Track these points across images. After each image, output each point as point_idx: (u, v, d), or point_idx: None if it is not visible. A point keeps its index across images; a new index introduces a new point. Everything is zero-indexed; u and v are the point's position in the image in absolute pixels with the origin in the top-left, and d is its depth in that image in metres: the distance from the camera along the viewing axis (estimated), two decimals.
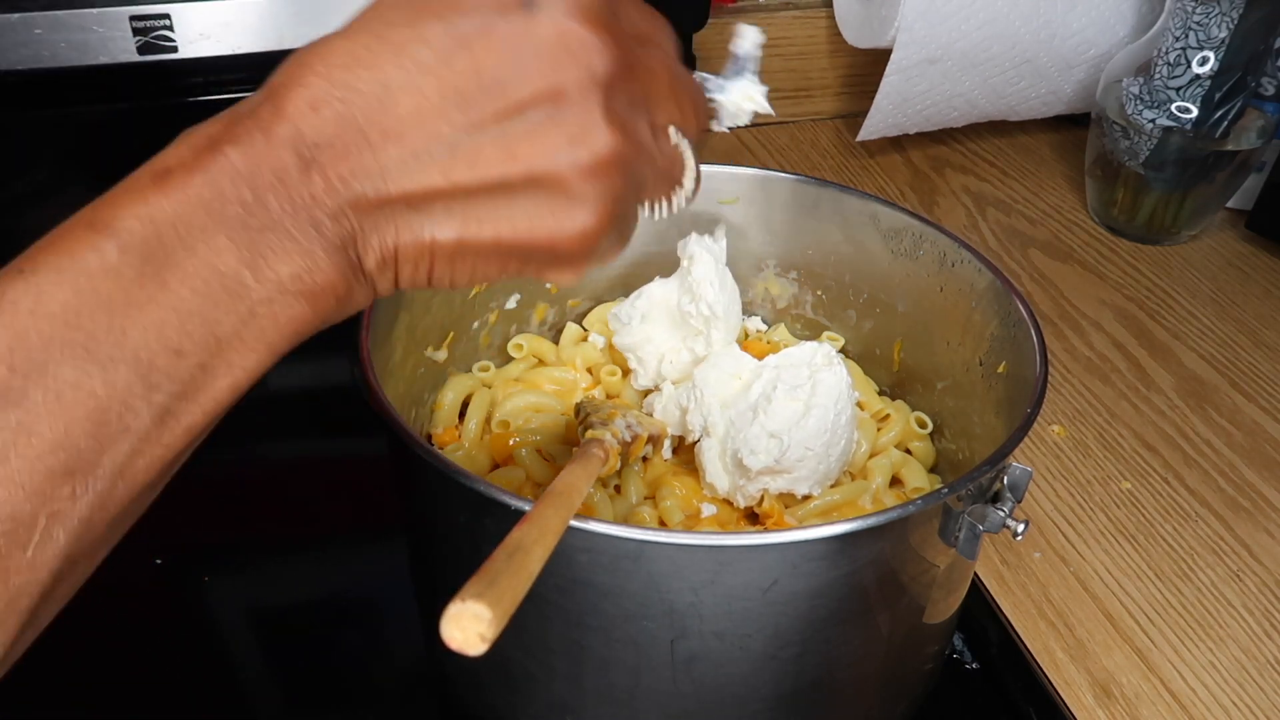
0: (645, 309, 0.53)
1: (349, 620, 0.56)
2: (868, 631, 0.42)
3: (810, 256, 0.58)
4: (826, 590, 0.38)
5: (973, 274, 0.50)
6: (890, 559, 0.39)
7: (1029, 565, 0.57)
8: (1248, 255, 0.85)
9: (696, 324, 0.52)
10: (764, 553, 0.36)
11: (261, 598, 0.57)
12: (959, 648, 0.55)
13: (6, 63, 0.64)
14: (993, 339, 0.49)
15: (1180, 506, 0.62)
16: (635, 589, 0.37)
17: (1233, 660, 0.53)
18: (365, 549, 0.60)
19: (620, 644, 0.40)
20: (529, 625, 0.41)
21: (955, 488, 0.38)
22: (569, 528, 0.35)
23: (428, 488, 0.42)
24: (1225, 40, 0.76)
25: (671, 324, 0.53)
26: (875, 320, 0.57)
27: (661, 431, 0.51)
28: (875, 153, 0.97)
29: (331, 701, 0.52)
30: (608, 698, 0.42)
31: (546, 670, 0.42)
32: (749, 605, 0.38)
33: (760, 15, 0.95)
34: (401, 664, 0.54)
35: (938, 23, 0.82)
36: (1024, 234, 0.87)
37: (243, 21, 0.67)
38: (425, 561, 0.47)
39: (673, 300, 0.53)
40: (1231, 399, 0.70)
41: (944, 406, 0.54)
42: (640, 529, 0.36)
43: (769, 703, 0.42)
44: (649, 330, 0.54)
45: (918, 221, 0.53)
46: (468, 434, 0.53)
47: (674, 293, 0.53)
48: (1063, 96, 0.93)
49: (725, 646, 0.39)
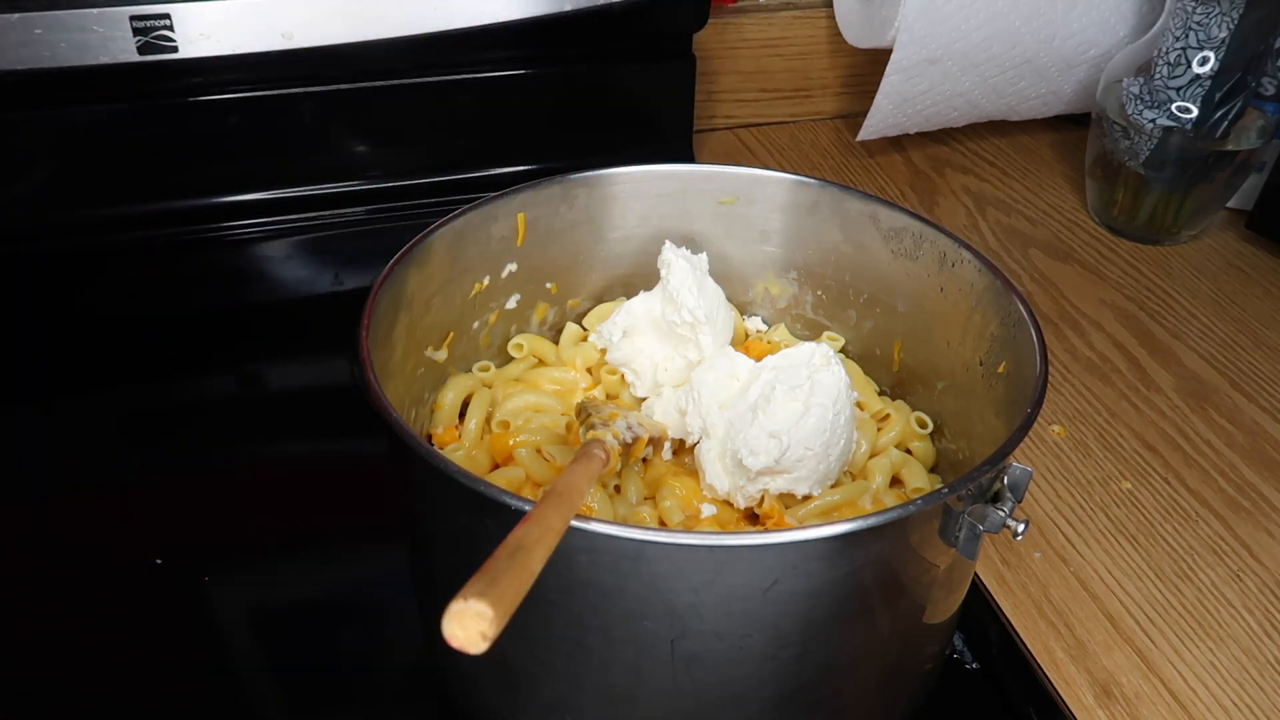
0: (628, 324, 0.54)
1: (349, 620, 0.56)
2: (868, 631, 0.42)
3: (810, 256, 0.58)
4: (826, 590, 0.38)
5: (973, 274, 0.50)
6: (890, 559, 0.39)
7: (1029, 565, 0.57)
8: (1248, 255, 0.85)
9: (683, 331, 0.52)
10: (764, 553, 0.36)
11: (261, 598, 0.57)
12: (959, 648, 0.55)
13: (6, 63, 0.64)
14: (993, 339, 0.49)
15: (1180, 507, 0.62)
16: (635, 589, 0.37)
17: (1233, 660, 0.53)
18: (365, 549, 0.60)
19: (620, 644, 0.39)
20: (529, 625, 0.41)
21: (955, 488, 0.38)
22: (569, 528, 0.35)
23: (428, 488, 0.42)
24: (1225, 40, 0.76)
25: (659, 334, 0.54)
26: (875, 320, 0.57)
27: (662, 433, 0.51)
28: (875, 153, 0.97)
29: (331, 701, 0.52)
30: (608, 697, 0.42)
31: (547, 670, 0.42)
32: (749, 605, 0.38)
33: (760, 15, 0.95)
34: (401, 664, 0.54)
35: (938, 23, 0.82)
36: (1024, 234, 0.87)
37: (243, 21, 0.67)
38: (425, 562, 0.47)
39: (656, 311, 0.53)
40: (1232, 399, 0.70)
41: (944, 406, 0.54)
42: (640, 529, 0.36)
43: (769, 703, 0.42)
44: (638, 343, 0.54)
45: (918, 221, 0.53)
46: (468, 434, 0.53)
47: (656, 304, 0.53)
48: (1063, 96, 0.94)
49: (725, 646, 0.39)
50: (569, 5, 0.73)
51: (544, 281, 0.58)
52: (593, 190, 0.56)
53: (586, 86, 0.85)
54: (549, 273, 0.58)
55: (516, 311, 0.58)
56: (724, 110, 0.99)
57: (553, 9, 0.73)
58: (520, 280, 0.57)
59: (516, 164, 0.85)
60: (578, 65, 0.84)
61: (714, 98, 0.98)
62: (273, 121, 0.76)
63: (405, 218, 0.82)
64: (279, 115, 0.76)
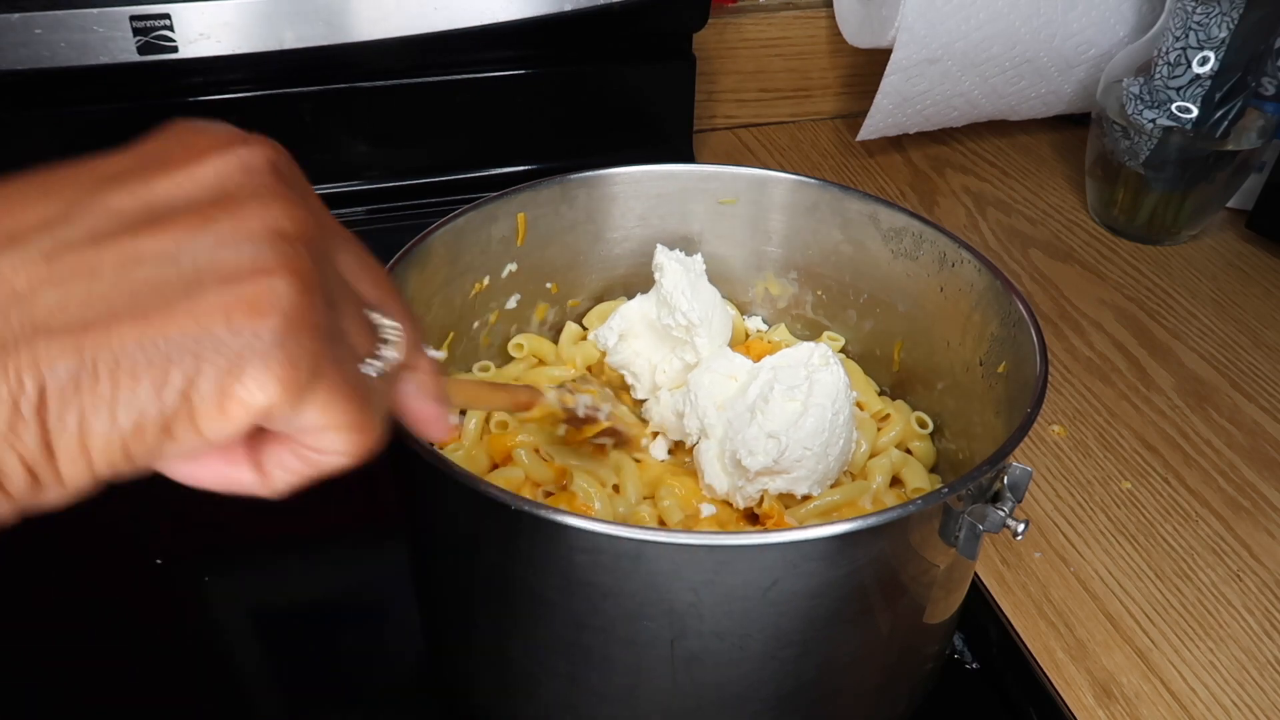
0: (623, 327, 0.54)
1: (349, 620, 0.56)
2: (868, 632, 0.42)
3: (810, 256, 0.58)
4: (826, 590, 0.38)
5: (973, 274, 0.50)
6: (890, 559, 0.39)
7: (1029, 565, 0.57)
8: (1248, 255, 0.85)
9: (679, 334, 0.52)
10: (764, 553, 0.36)
11: (261, 598, 0.57)
12: (959, 648, 0.55)
13: (6, 63, 0.64)
14: (993, 339, 0.49)
15: (1180, 506, 0.62)
16: (635, 589, 0.37)
17: (1233, 660, 0.53)
18: (365, 549, 0.60)
19: (620, 644, 0.39)
20: (529, 625, 0.41)
21: (955, 488, 0.38)
22: (569, 527, 0.35)
23: (427, 488, 0.42)
24: (1225, 40, 0.76)
25: (657, 337, 0.54)
26: (875, 320, 0.57)
27: (634, 436, 0.51)
28: (875, 153, 0.97)
29: (331, 701, 0.52)
30: (608, 698, 0.42)
31: (546, 670, 0.42)
32: (749, 605, 0.38)
33: (760, 15, 0.95)
34: (401, 664, 0.54)
35: (938, 22, 0.82)
36: (1024, 234, 0.87)
37: (243, 21, 0.67)
38: (425, 562, 0.47)
39: (651, 314, 0.53)
40: (1232, 399, 0.70)
41: (944, 406, 0.54)
42: (640, 529, 0.36)
43: (769, 703, 0.42)
44: (635, 345, 0.54)
45: (918, 221, 0.53)
46: (468, 434, 0.53)
47: (651, 307, 0.53)
48: (1063, 96, 0.94)
49: (725, 646, 0.39)
50: (569, 5, 0.73)
51: (544, 281, 0.58)
52: (592, 190, 0.56)
53: (586, 86, 0.85)
54: (549, 272, 0.58)
55: (516, 311, 0.58)
56: (724, 110, 0.99)
57: (553, 9, 0.73)
58: (520, 280, 0.57)
59: (516, 164, 0.85)
60: (578, 65, 0.84)
61: (714, 98, 0.98)
62: (272, 121, 0.76)
63: (405, 218, 0.82)
64: (279, 115, 0.76)
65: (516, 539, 0.38)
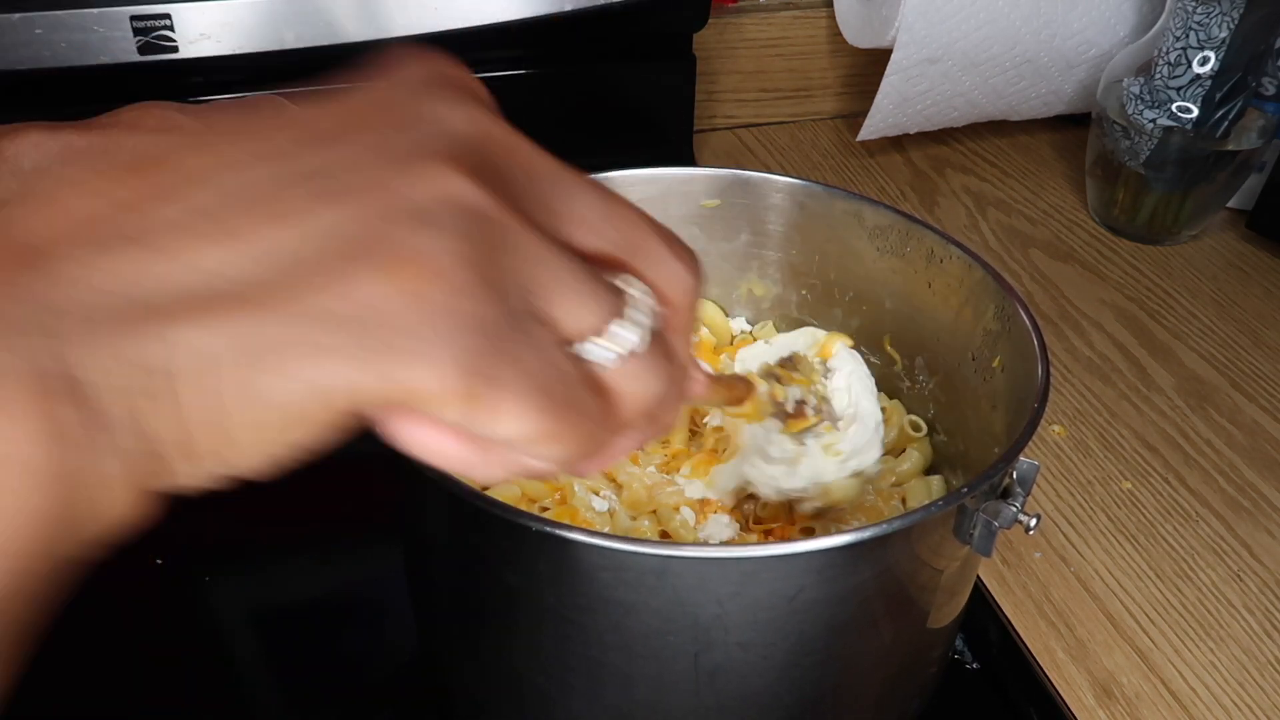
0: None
1: (349, 620, 0.56)
2: (882, 635, 0.41)
3: (794, 256, 0.58)
4: (850, 595, 0.38)
5: (962, 269, 0.50)
6: (909, 561, 0.39)
7: (1029, 565, 0.57)
8: (1248, 255, 0.85)
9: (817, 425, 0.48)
10: (791, 561, 0.36)
11: (261, 598, 0.57)
12: (960, 648, 0.55)
13: (6, 63, 0.64)
14: (985, 334, 0.49)
15: (1181, 507, 0.62)
16: (659, 605, 0.36)
17: (1233, 660, 0.53)
18: (365, 549, 0.60)
19: (643, 660, 0.39)
20: (546, 645, 0.40)
21: (973, 487, 0.38)
22: (587, 545, 0.34)
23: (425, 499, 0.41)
24: (1226, 40, 0.76)
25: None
26: (862, 318, 0.57)
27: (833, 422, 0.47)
28: (875, 153, 0.97)
29: (331, 701, 0.52)
30: (627, 714, 0.41)
31: (563, 688, 0.41)
32: (774, 615, 0.37)
33: (760, 15, 0.95)
34: (401, 664, 0.54)
35: (938, 23, 0.82)
36: (1024, 234, 0.87)
37: (243, 21, 0.67)
38: (423, 571, 0.46)
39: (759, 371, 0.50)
40: (1232, 399, 0.70)
41: (937, 402, 0.54)
42: (665, 544, 0.35)
43: (791, 711, 0.41)
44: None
45: (903, 219, 0.52)
46: None
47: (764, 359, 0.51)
48: (1063, 96, 0.93)
49: (750, 657, 0.38)
50: (569, 5, 0.73)
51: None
52: None
53: (586, 86, 0.85)
54: None
55: None
56: (724, 110, 0.99)
57: (553, 9, 0.73)
58: None
59: None
60: (577, 65, 0.84)
61: (714, 98, 0.98)
62: None
63: None
64: None
65: (535, 560, 0.37)
